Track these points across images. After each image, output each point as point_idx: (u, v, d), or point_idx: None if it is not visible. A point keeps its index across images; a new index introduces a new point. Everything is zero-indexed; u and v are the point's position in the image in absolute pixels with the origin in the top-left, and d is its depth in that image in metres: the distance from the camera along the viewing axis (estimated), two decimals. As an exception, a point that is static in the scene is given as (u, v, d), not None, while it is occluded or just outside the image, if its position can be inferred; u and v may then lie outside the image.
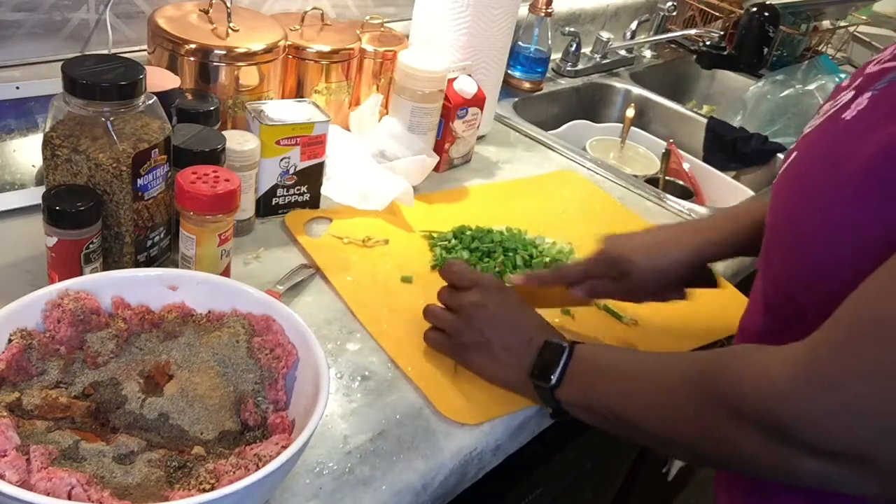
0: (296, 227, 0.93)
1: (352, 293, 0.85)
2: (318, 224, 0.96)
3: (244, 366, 0.62)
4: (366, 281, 0.87)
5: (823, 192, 0.53)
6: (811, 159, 0.57)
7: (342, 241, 0.93)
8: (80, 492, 0.49)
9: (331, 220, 0.96)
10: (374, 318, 0.82)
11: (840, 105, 0.56)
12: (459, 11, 1.11)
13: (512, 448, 0.74)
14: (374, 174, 1.01)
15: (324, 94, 1.06)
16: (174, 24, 0.92)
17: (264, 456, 0.54)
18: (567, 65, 1.62)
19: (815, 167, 0.56)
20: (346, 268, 0.88)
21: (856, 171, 0.51)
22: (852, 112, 0.54)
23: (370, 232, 0.95)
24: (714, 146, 1.55)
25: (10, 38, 0.95)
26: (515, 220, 1.04)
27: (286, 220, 0.94)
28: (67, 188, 0.70)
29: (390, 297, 0.86)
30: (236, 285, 0.67)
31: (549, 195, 1.15)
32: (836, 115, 0.56)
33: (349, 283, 0.86)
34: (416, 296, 0.86)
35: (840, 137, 0.54)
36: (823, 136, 0.57)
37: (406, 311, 0.83)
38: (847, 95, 0.57)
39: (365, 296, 0.85)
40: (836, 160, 0.53)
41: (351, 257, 0.90)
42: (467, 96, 1.10)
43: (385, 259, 0.92)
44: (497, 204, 1.09)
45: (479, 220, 1.01)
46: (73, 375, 0.61)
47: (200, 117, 0.85)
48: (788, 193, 0.59)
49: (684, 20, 1.93)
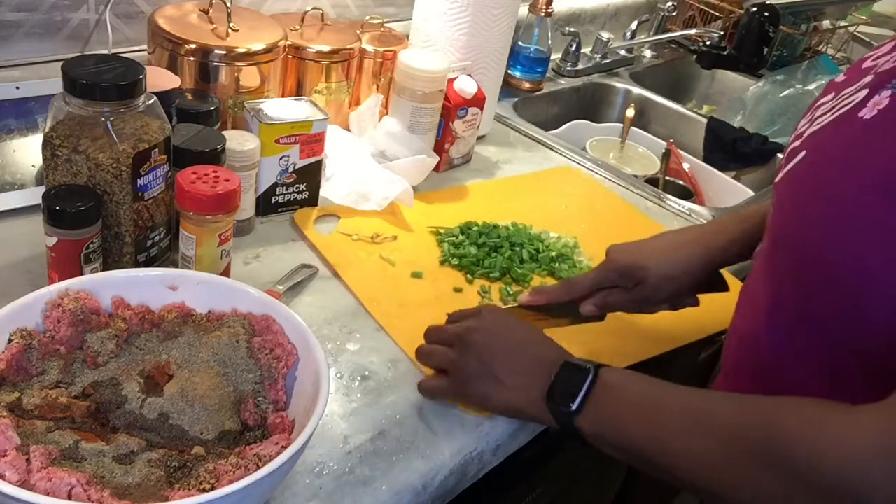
0: (305, 225, 0.94)
1: (363, 289, 0.86)
2: (326, 222, 0.96)
3: (244, 366, 0.63)
4: (376, 276, 0.89)
5: (845, 194, 0.51)
6: (825, 160, 0.54)
7: (351, 237, 0.94)
8: (80, 492, 0.49)
9: (339, 218, 0.97)
10: (385, 313, 0.83)
11: (854, 104, 0.54)
12: (459, 11, 1.11)
13: (512, 448, 0.74)
14: (373, 174, 1.01)
15: (324, 94, 1.06)
16: (174, 24, 0.92)
17: (264, 456, 0.54)
18: (567, 65, 1.62)
19: (832, 168, 0.53)
20: (356, 264, 0.90)
21: (881, 167, 0.49)
22: (871, 111, 0.51)
23: (378, 229, 0.96)
24: (714, 146, 1.55)
25: (10, 38, 0.95)
26: (518, 216, 1.04)
27: (295, 217, 0.95)
28: (67, 188, 0.70)
29: (401, 293, 0.87)
30: (236, 285, 0.67)
31: (550, 191, 1.15)
32: (850, 115, 0.53)
33: (361, 279, 0.87)
34: (427, 291, 0.88)
35: (859, 137, 0.52)
36: (837, 135, 0.54)
37: (417, 308, 0.84)
38: (859, 94, 0.54)
39: (376, 291, 0.86)
40: (857, 160, 0.51)
41: (360, 253, 0.92)
42: (467, 96, 1.10)
43: (395, 255, 0.93)
44: (498, 201, 1.09)
45: (481, 217, 1.02)
46: (73, 375, 0.61)
47: (200, 117, 0.85)
48: (799, 196, 0.56)
49: (684, 20, 1.93)
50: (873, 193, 0.49)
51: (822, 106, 0.60)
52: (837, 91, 0.59)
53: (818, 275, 0.54)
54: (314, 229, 0.94)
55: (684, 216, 1.17)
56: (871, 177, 0.49)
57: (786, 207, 0.58)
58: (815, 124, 0.58)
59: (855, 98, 0.54)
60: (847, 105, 0.54)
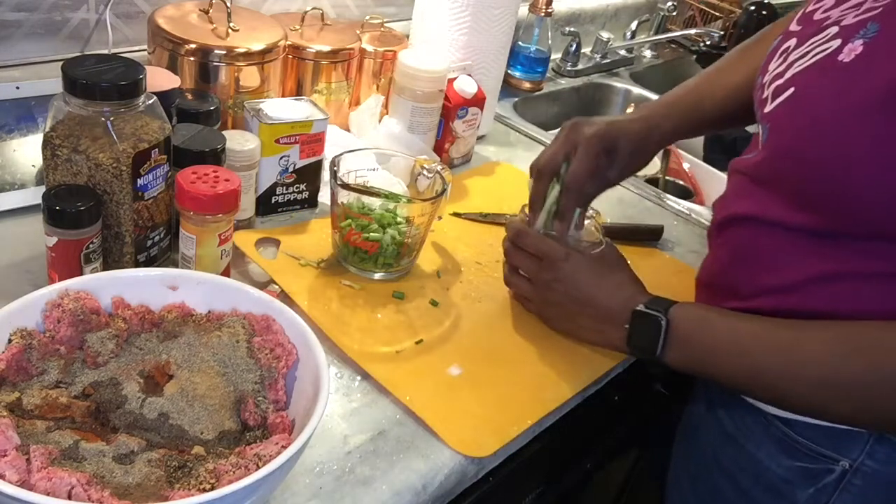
0: (248, 249, 0.87)
1: (330, 324, 0.79)
2: (267, 246, 0.90)
3: (244, 366, 0.62)
4: (336, 307, 0.82)
5: (838, 116, 0.62)
6: (815, 93, 0.65)
7: (299, 262, 0.87)
8: (80, 492, 0.49)
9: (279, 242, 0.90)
10: (361, 353, 0.77)
11: (830, 50, 0.65)
12: (459, 11, 1.11)
13: (512, 448, 0.74)
14: (373, 175, 1.00)
15: (324, 94, 1.06)
16: (174, 24, 0.92)
17: (264, 456, 0.54)
18: (567, 65, 1.62)
19: (823, 98, 0.64)
20: (310, 292, 0.83)
21: (866, 97, 0.60)
22: (848, 56, 0.63)
23: (322, 253, 0.89)
24: (714, 146, 1.55)
25: (10, 38, 0.95)
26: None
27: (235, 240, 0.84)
28: (67, 188, 0.70)
29: (372, 323, 0.81)
30: (236, 285, 0.67)
31: None
32: (830, 59, 0.65)
33: (323, 310, 0.81)
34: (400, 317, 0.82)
35: (842, 75, 0.63)
36: (822, 75, 0.65)
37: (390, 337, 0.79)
38: (832, 43, 0.66)
39: (343, 328, 0.79)
40: (845, 92, 0.62)
41: (310, 279, 0.85)
42: (467, 96, 1.10)
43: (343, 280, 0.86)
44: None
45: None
46: (73, 375, 0.61)
47: (200, 117, 0.85)
48: (797, 122, 0.66)
49: (684, 20, 1.93)
50: (861, 114, 0.61)
51: (791, 53, 0.70)
52: (800, 39, 0.70)
53: (816, 186, 0.65)
54: (259, 254, 0.87)
55: (684, 216, 1.17)
56: (857, 102, 0.61)
57: (785, 134, 0.68)
58: (793, 67, 0.69)
59: (828, 46, 0.66)
60: (824, 52, 0.66)
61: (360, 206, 0.87)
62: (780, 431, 0.74)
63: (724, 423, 0.80)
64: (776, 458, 0.75)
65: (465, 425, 0.71)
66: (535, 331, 0.84)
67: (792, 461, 0.74)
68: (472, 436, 0.70)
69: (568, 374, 0.80)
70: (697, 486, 0.85)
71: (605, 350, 0.81)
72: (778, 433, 0.74)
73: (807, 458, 0.73)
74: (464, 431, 0.70)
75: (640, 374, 0.87)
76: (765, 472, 0.76)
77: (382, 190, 0.90)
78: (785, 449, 0.74)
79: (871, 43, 0.63)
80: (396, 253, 0.86)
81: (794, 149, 0.67)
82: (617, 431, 1.06)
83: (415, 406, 0.71)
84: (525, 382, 0.78)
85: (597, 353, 0.82)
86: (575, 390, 0.78)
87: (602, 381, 0.82)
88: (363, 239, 0.85)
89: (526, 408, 0.74)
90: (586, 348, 0.82)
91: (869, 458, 0.70)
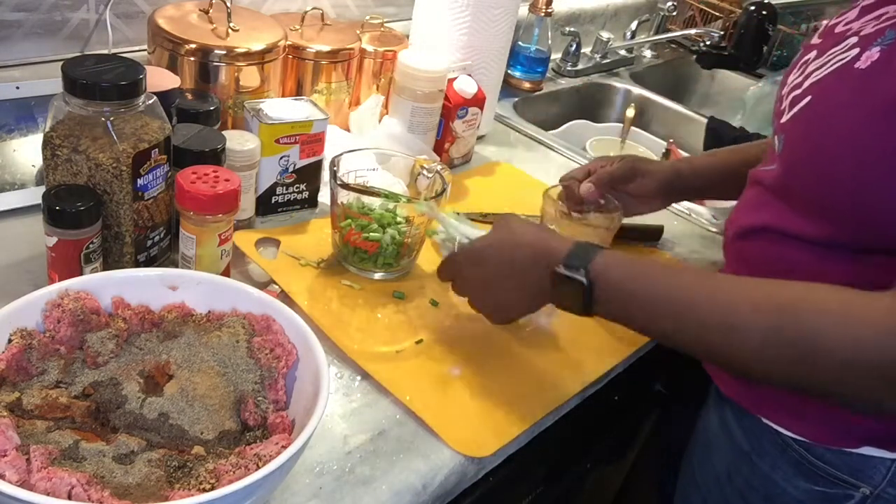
0: (248, 249, 0.87)
1: (330, 324, 0.79)
2: (267, 246, 0.90)
3: (244, 366, 0.62)
4: (336, 307, 0.82)
5: (852, 122, 0.63)
6: (832, 100, 0.66)
7: (299, 262, 0.87)
8: (80, 492, 0.49)
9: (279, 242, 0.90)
10: (361, 353, 0.77)
11: (848, 59, 0.66)
12: (459, 11, 1.11)
13: (512, 449, 0.74)
14: (373, 175, 1.00)
15: (324, 94, 1.06)
16: (174, 24, 0.92)
17: (264, 456, 0.54)
18: (567, 65, 1.62)
19: (839, 105, 0.64)
20: (310, 292, 0.83)
21: (881, 102, 0.61)
22: (865, 63, 0.63)
23: (322, 253, 0.89)
24: (714, 146, 1.55)
25: (10, 38, 0.95)
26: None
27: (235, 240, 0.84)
28: (67, 188, 0.70)
29: (372, 324, 0.81)
30: (236, 285, 0.67)
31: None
32: (847, 67, 0.65)
33: (324, 310, 0.81)
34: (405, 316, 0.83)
35: (858, 82, 0.64)
36: (839, 82, 0.66)
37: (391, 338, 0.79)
38: (850, 53, 0.66)
39: (343, 328, 0.79)
40: (859, 98, 0.63)
41: (309, 279, 0.85)
42: (467, 96, 1.10)
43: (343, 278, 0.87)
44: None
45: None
46: (73, 375, 0.61)
47: (200, 117, 0.85)
48: (814, 128, 0.67)
49: (684, 20, 1.93)
50: (879, 119, 0.61)
51: (810, 64, 0.71)
52: (820, 51, 0.70)
53: (829, 189, 0.65)
54: (259, 255, 0.87)
55: (684, 216, 1.16)
56: (872, 107, 0.61)
57: (800, 140, 0.69)
58: (811, 77, 0.69)
59: (847, 56, 0.66)
60: (842, 60, 0.66)
61: (360, 205, 0.87)
62: (797, 454, 0.74)
63: (738, 441, 0.80)
64: (792, 481, 0.75)
65: (465, 425, 0.71)
66: (536, 331, 0.84)
67: (809, 484, 0.73)
68: (472, 436, 0.70)
69: (567, 375, 0.80)
70: (707, 502, 0.85)
71: (605, 350, 0.81)
72: (796, 456, 0.74)
73: (825, 483, 0.72)
74: (464, 431, 0.70)
75: (640, 374, 0.87)
76: (780, 494, 0.76)
77: (382, 190, 0.90)
78: (802, 472, 0.74)
79: (888, 49, 0.62)
80: (396, 253, 0.86)
81: (811, 156, 0.67)
82: (617, 431, 1.07)
83: (415, 406, 0.71)
84: (525, 383, 0.78)
85: (597, 353, 0.82)
86: (574, 390, 0.78)
87: (602, 381, 0.82)
88: (363, 239, 0.85)
89: (526, 408, 0.74)
90: (587, 349, 0.82)
91: (891, 485, 0.70)
